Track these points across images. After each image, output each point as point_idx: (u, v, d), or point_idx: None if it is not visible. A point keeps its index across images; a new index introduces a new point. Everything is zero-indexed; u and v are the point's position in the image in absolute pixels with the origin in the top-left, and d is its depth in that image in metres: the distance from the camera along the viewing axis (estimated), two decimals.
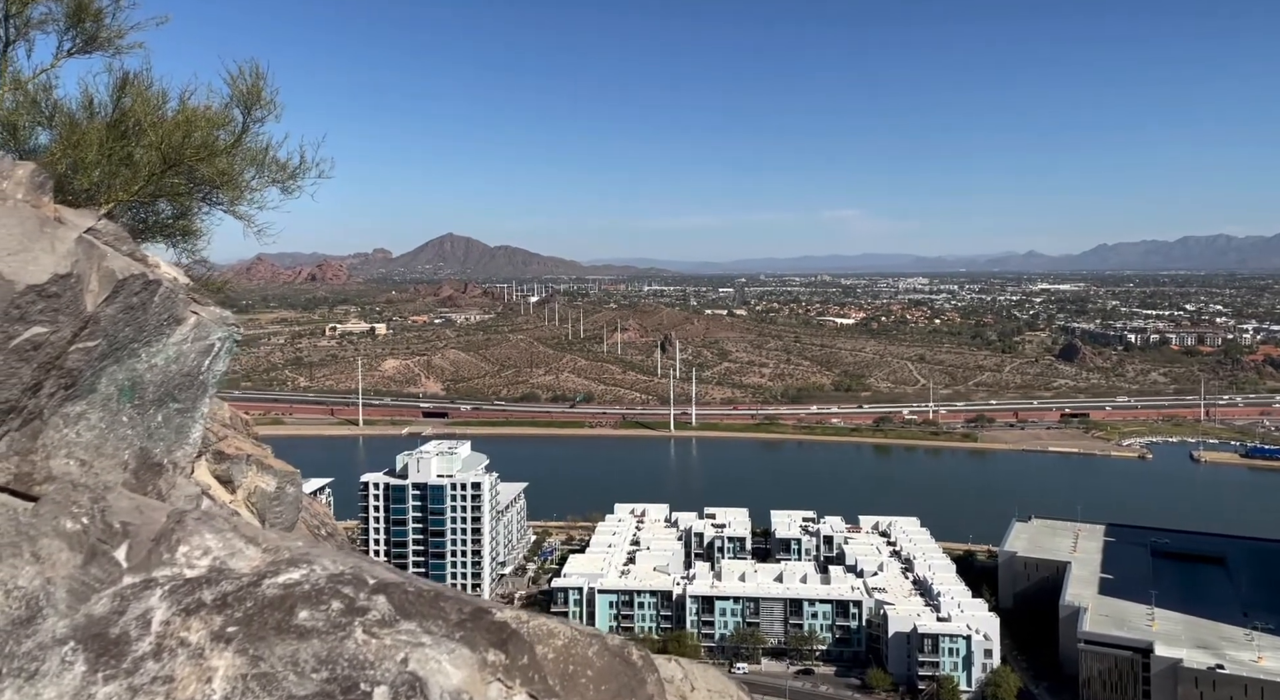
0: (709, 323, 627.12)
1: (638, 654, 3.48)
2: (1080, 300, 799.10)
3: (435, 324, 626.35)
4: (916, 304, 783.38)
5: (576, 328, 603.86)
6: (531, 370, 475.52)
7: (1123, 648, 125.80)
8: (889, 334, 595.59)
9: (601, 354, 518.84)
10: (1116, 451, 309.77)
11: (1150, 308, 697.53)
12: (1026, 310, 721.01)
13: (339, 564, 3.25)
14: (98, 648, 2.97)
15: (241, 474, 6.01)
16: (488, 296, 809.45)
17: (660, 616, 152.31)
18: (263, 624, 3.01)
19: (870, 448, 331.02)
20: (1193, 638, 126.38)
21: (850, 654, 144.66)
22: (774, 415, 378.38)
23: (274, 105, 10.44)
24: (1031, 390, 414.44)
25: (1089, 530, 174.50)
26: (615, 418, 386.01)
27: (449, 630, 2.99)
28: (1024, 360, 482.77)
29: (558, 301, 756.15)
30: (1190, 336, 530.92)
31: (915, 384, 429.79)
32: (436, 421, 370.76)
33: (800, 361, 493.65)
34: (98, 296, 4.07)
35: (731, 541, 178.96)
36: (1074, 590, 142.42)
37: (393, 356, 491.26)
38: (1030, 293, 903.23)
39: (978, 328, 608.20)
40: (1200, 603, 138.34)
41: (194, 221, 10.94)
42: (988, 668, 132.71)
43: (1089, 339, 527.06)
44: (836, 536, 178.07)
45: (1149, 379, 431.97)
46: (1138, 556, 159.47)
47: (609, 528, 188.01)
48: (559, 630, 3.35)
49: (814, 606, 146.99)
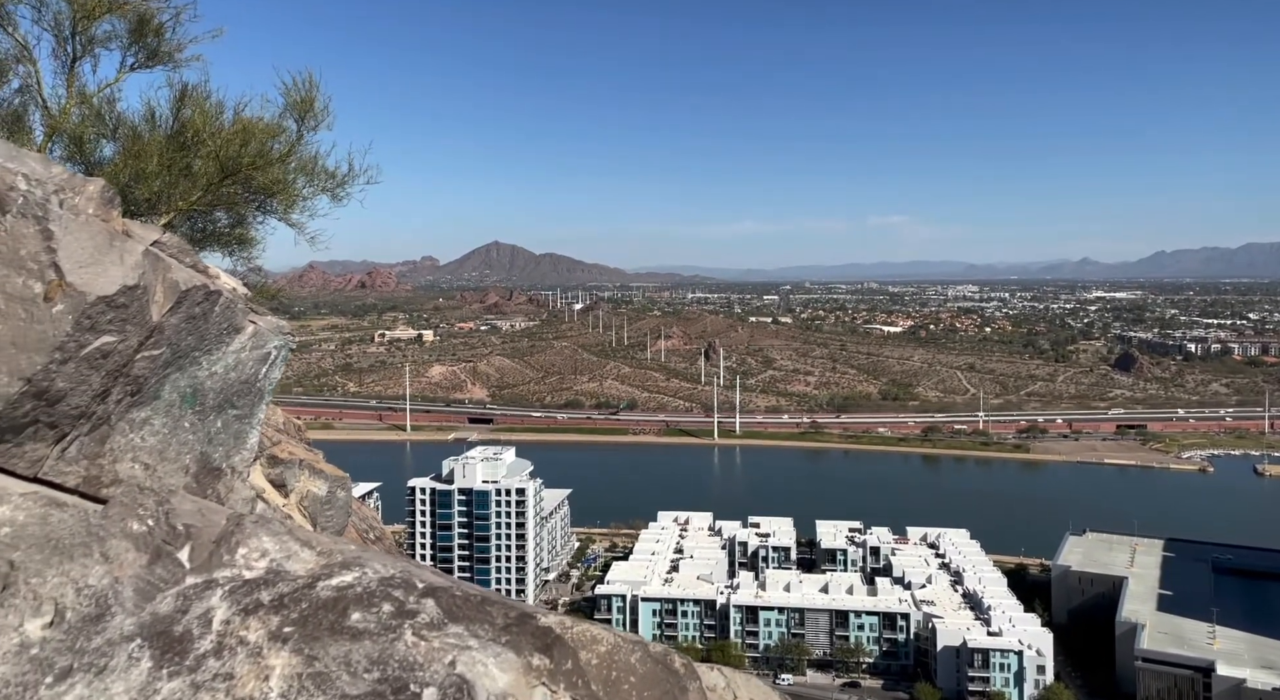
0: (753, 330, 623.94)
1: (680, 661, 3.53)
2: (1137, 308, 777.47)
3: (481, 331, 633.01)
4: (966, 312, 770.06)
5: (620, 335, 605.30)
6: (575, 377, 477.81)
7: (1183, 666, 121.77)
8: (938, 342, 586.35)
9: (645, 361, 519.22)
10: (1176, 464, 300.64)
11: (1211, 316, 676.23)
12: (1081, 319, 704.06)
13: (389, 568, 3.34)
14: (162, 645, 3.08)
15: (294, 478, 6.13)
16: (532, 303, 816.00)
17: (704, 626, 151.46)
18: (317, 625, 3.10)
19: (918, 458, 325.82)
20: (1257, 657, 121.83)
21: (898, 667, 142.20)
22: (819, 424, 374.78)
23: (326, 114, 10.63)
24: (1086, 401, 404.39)
25: (1147, 545, 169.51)
26: (658, 425, 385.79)
27: (495, 634, 3.06)
28: (1078, 370, 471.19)
29: (602, 309, 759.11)
30: (1254, 346, 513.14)
31: (965, 393, 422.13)
32: (481, 427, 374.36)
33: (846, 369, 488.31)
34: (163, 307, 4.21)
35: (776, 551, 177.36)
36: (1131, 606, 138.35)
37: (439, 363, 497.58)
38: (1085, 301, 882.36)
39: (1030, 336, 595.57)
40: (1265, 621, 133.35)
41: (249, 230, 11.19)
42: (1041, 684, 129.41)
43: (1146, 348, 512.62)
44: (883, 548, 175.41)
45: (1210, 390, 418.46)
46: (1198, 572, 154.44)
47: (652, 535, 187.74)
48: (602, 636, 3.39)
49: (860, 618, 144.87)
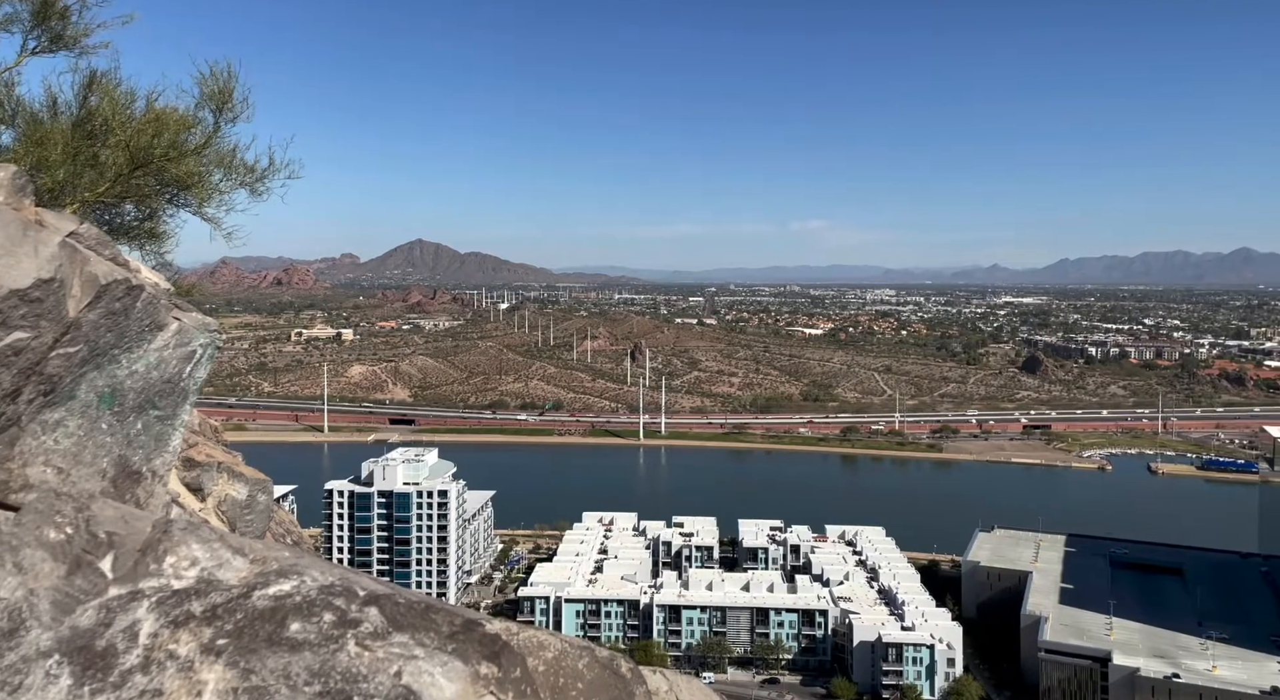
0: (679, 332, 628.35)
1: (627, 666, 3.47)
2: (1043, 313, 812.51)
3: (403, 330, 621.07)
4: (884, 315, 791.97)
5: (546, 335, 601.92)
6: (500, 377, 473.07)
7: (1082, 657, 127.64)
8: (857, 345, 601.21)
9: (571, 362, 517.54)
10: (1077, 463, 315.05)
11: (1110, 321, 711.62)
12: (991, 323, 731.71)
13: (328, 575, 3.18)
14: (84, 660, 2.88)
15: (212, 481, 5.89)
16: (457, 303, 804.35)
17: (627, 626, 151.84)
18: (254, 636, 2.93)
19: (837, 457, 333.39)
20: (1150, 647, 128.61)
21: (816, 663, 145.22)
22: (743, 424, 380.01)
23: (246, 106, 10.32)
24: (995, 402, 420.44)
25: (1050, 540, 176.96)
26: (584, 426, 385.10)
27: (441, 642, 2.93)
28: (988, 372, 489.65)
29: (528, 309, 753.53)
30: (1149, 350, 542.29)
31: (882, 394, 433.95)
32: (403, 428, 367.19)
33: (769, 371, 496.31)
34: (80, 302, 4.00)
35: (699, 550, 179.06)
36: (1035, 600, 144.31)
37: (359, 362, 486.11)
38: (994, 305, 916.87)
39: (943, 339, 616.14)
40: (1157, 612, 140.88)
41: (160, 224, 10.77)
42: (950, 677, 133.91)
43: (1051, 352, 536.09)
44: (803, 546, 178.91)
45: (1109, 392, 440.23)
46: (1097, 567, 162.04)
47: (577, 536, 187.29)
48: (549, 642, 3.31)
49: (780, 616, 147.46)
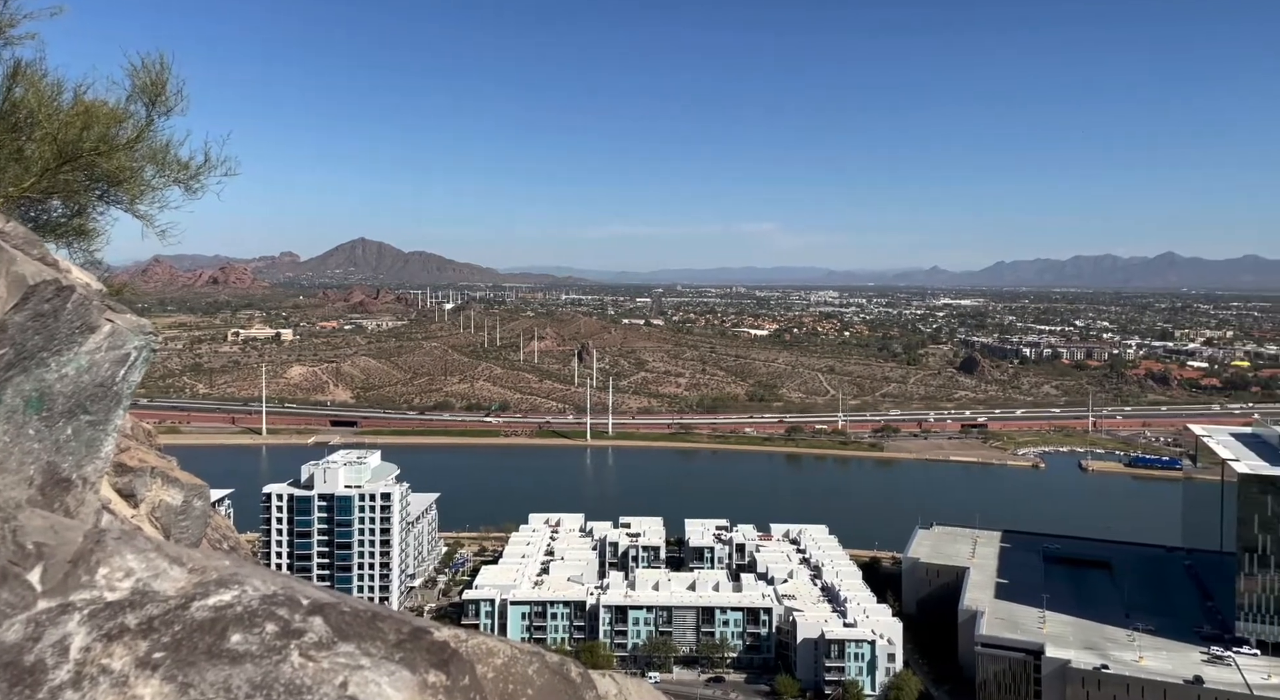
0: (626, 332, 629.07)
1: (576, 671, 3.41)
2: (980, 315, 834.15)
3: (345, 330, 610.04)
4: (827, 316, 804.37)
5: (492, 336, 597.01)
6: (445, 378, 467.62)
7: (1016, 650, 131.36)
8: (801, 345, 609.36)
9: (518, 362, 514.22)
10: (1012, 461, 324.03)
11: (1043, 323, 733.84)
12: (930, 324, 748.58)
13: (270, 584, 3.05)
14: (10, 677, 2.75)
15: (145, 487, 5.67)
16: (401, 303, 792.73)
17: (573, 627, 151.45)
18: (192, 649, 2.80)
19: (782, 457, 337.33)
20: (1080, 639, 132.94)
21: (760, 661, 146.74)
22: (689, 425, 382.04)
23: (180, 99, 10.06)
24: (934, 401, 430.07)
25: (986, 537, 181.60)
26: (531, 427, 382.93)
27: (388, 651, 2.82)
28: (928, 372, 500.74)
29: (473, 309, 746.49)
30: (1080, 351, 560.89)
31: (825, 394, 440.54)
32: (345, 430, 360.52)
33: (715, 371, 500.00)
34: (6, 303, 3.84)
35: (646, 551, 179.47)
36: (972, 595, 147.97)
37: (299, 363, 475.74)
38: (934, 307, 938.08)
39: (884, 340, 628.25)
40: (1087, 606, 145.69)
41: (90, 221, 10.45)
42: (891, 672, 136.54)
43: (988, 352, 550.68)
44: (748, 544, 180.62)
45: (1042, 391, 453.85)
46: (1031, 562, 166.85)
47: (523, 538, 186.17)
48: (498, 648, 3.23)
49: (725, 614, 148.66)
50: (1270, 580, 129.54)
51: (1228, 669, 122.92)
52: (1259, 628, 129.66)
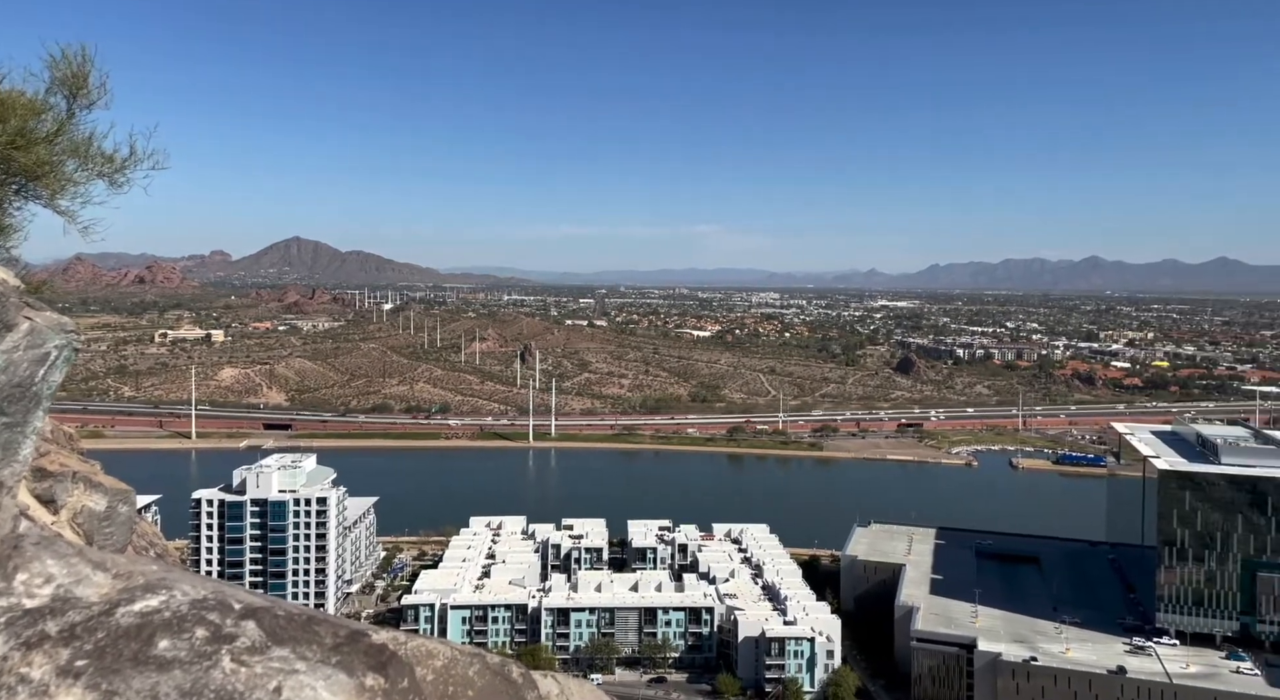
0: (569, 333, 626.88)
1: (518, 671, 3.37)
2: (915, 317, 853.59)
3: (279, 331, 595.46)
4: (768, 318, 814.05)
5: (433, 336, 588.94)
6: (384, 380, 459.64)
7: (950, 644, 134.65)
8: (743, 346, 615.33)
9: (459, 364, 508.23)
10: (946, 459, 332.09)
11: (976, 324, 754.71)
12: (868, 325, 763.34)
13: (200, 589, 2.97)
14: None
15: (66, 493, 5.43)
16: (337, 303, 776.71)
17: (515, 630, 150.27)
18: (117, 656, 2.70)
19: (724, 457, 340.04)
20: (1011, 633, 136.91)
21: (702, 660, 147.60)
22: (632, 425, 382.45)
23: (103, 91, 9.73)
24: (872, 401, 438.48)
25: (922, 534, 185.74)
26: (473, 429, 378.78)
27: (324, 655, 2.77)
28: (865, 373, 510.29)
29: (413, 309, 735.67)
30: (1010, 352, 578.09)
31: (766, 395, 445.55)
32: (279, 434, 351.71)
33: (658, 372, 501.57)
34: None
35: (588, 552, 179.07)
36: (908, 591, 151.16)
37: (231, 365, 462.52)
38: (871, 309, 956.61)
39: (824, 341, 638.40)
40: (1017, 600, 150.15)
41: (6, 217, 10.03)
42: (829, 668, 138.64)
43: (923, 353, 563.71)
44: (691, 545, 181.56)
45: (975, 391, 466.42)
46: (964, 558, 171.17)
47: (463, 542, 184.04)
48: (438, 650, 3.17)
49: (668, 614, 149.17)
50: (1188, 572, 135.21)
51: (1149, 659, 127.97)
52: (1178, 618, 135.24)
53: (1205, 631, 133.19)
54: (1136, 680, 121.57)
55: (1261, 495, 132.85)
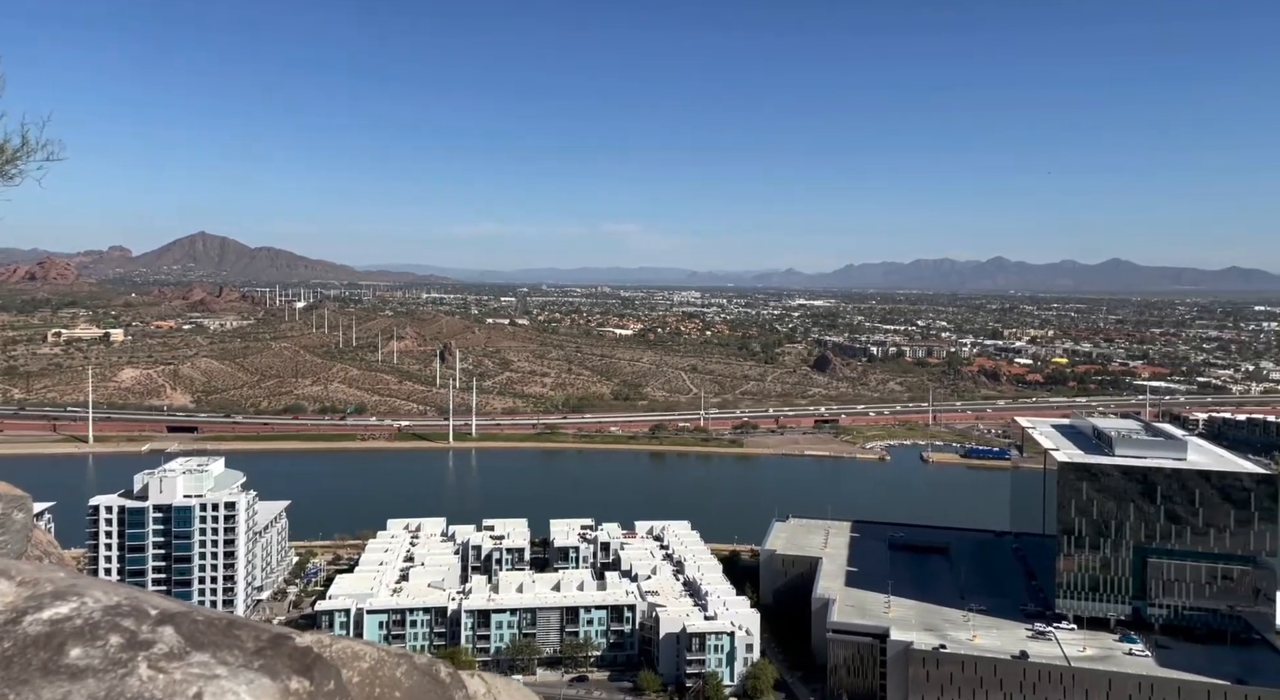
0: (490, 332, 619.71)
1: (446, 671, 3.35)
2: (832, 315, 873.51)
3: (184, 330, 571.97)
4: (690, 316, 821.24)
5: (348, 335, 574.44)
6: (297, 380, 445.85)
7: (864, 635, 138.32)
8: (665, 345, 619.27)
9: (376, 363, 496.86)
10: (861, 454, 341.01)
11: (889, 323, 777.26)
12: (786, 324, 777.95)
13: (114, 595, 2.88)
14: None
15: None
16: (247, 301, 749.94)
17: (434, 633, 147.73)
18: (25, 666, 2.60)
19: (647, 455, 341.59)
20: (921, 622, 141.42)
21: (624, 658, 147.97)
22: (555, 424, 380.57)
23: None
24: (790, 398, 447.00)
25: (838, 527, 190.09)
26: (390, 430, 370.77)
27: (247, 659, 2.72)
28: (784, 370, 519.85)
29: (328, 308, 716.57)
30: (921, 349, 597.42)
31: (688, 393, 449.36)
32: (184, 436, 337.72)
33: (581, 371, 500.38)
34: None
35: (510, 553, 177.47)
36: (824, 584, 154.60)
37: (132, 365, 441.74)
38: (789, 308, 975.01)
39: (744, 340, 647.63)
40: (927, 589, 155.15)
41: None
42: (749, 661, 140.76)
43: (839, 351, 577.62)
44: (613, 543, 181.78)
45: (888, 387, 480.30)
46: (878, 550, 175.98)
47: (380, 545, 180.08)
48: (365, 652, 3.15)
49: (590, 613, 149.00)
50: (1085, 560, 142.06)
51: (1049, 643, 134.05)
52: (1075, 604, 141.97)
53: (1100, 616, 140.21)
54: (1038, 665, 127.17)
55: (1151, 485, 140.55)
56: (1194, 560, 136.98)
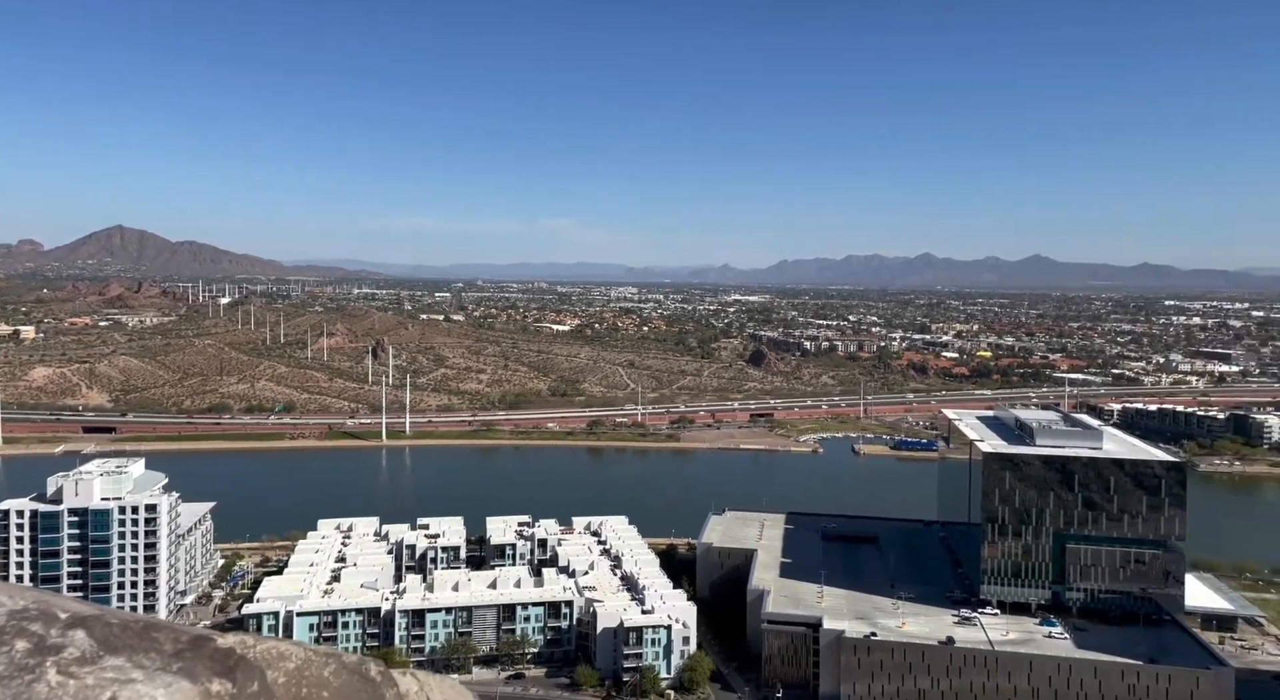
0: (425, 328, 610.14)
1: (376, 670, 3.31)
2: (766, 310, 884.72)
3: (101, 327, 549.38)
4: (627, 312, 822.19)
5: (276, 332, 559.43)
6: (222, 379, 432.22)
7: (797, 624, 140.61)
8: (602, 340, 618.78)
9: (305, 360, 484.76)
10: (795, 447, 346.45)
11: (822, 318, 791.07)
12: (722, 319, 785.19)
13: (20, 599, 2.83)
14: None
15: None
16: (168, 297, 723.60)
17: (367, 635, 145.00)
18: None
19: (584, 450, 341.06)
20: (853, 611, 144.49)
21: (561, 654, 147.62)
22: (491, 421, 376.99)
23: None
24: (726, 393, 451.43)
25: (773, 519, 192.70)
26: (321, 428, 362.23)
27: (165, 662, 2.64)
28: (720, 365, 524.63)
29: (254, 304, 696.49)
30: (853, 344, 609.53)
31: (626, 388, 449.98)
32: (101, 437, 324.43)
33: (518, 367, 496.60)
34: None
35: (445, 551, 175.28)
36: (759, 575, 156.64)
37: (44, 364, 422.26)
38: (725, 303, 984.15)
39: (680, 335, 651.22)
40: (859, 579, 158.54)
41: None
42: (685, 654, 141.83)
43: (774, 346, 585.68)
44: (550, 539, 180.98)
45: (821, 381, 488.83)
46: (811, 541, 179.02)
47: (311, 546, 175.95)
48: (291, 652, 3.10)
49: (527, 610, 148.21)
50: (1008, 547, 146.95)
51: (974, 629, 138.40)
52: (999, 590, 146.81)
53: (1023, 601, 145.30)
54: (963, 649, 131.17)
55: (1070, 473, 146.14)
56: (1109, 545, 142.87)
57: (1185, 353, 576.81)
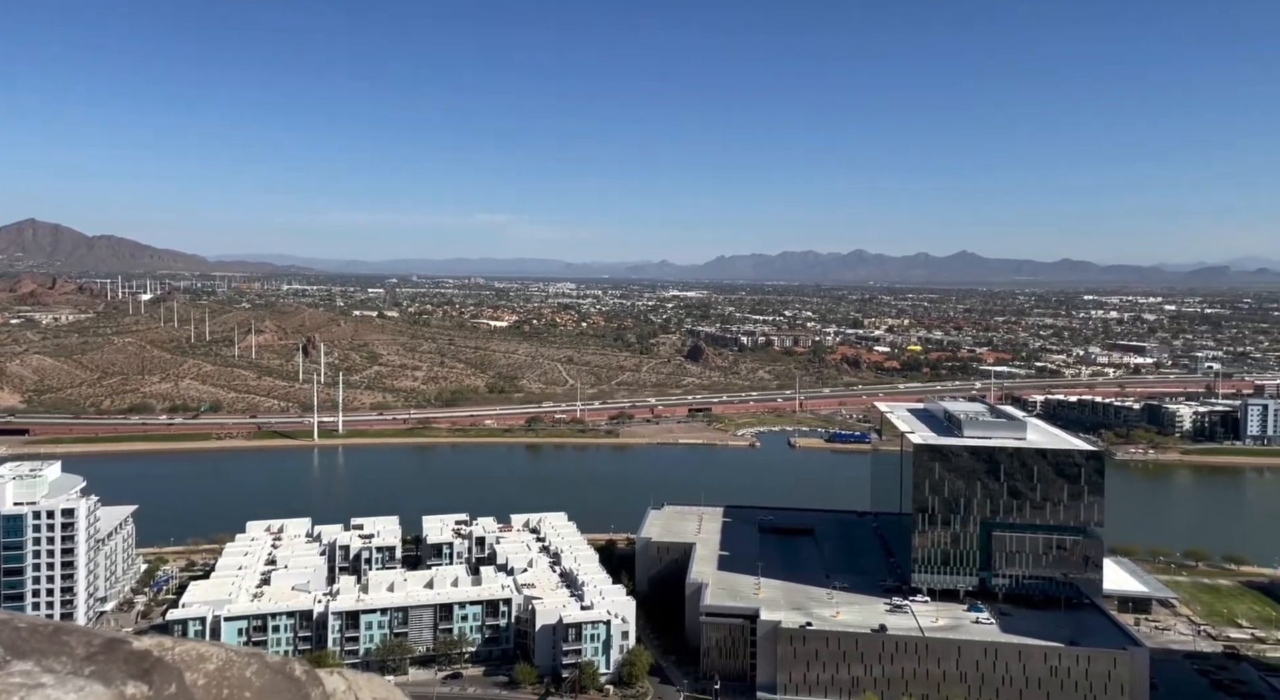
0: (357, 325, 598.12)
1: (301, 669, 3.25)
2: (704, 306, 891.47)
3: (12, 325, 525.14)
4: (566, 307, 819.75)
5: (201, 329, 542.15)
6: (143, 378, 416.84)
7: (735, 616, 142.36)
8: (540, 336, 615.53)
9: (232, 358, 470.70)
10: (733, 441, 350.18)
11: (758, 314, 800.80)
12: (660, 315, 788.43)
13: None
14: None
15: None
16: (85, 293, 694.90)
17: (298, 638, 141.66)
18: None
19: (523, 447, 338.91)
20: (789, 601, 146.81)
21: (499, 652, 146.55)
22: (427, 419, 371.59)
23: None
24: (665, 388, 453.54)
25: (711, 513, 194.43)
26: (249, 428, 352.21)
27: (76, 666, 2.55)
28: (659, 361, 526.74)
29: (177, 300, 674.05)
30: (788, 339, 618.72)
31: (565, 384, 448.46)
32: (14, 439, 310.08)
33: (454, 364, 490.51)
34: None
35: (380, 552, 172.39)
36: (698, 568, 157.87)
37: None
38: (664, 299, 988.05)
39: (619, 331, 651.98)
40: (795, 570, 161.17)
41: None
42: (624, 649, 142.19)
43: (711, 341, 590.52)
44: (489, 537, 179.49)
45: (757, 376, 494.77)
46: (749, 533, 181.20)
47: (239, 548, 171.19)
48: (211, 653, 3.01)
49: (464, 609, 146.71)
50: (937, 535, 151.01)
51: (905, 616, 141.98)
52: (929, 578, 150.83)
53: (951, 588, 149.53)
54: (895, 637, 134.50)
55: (996, 463, 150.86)
56: (1032, 533, 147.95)
57: (1103, 345, 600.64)
